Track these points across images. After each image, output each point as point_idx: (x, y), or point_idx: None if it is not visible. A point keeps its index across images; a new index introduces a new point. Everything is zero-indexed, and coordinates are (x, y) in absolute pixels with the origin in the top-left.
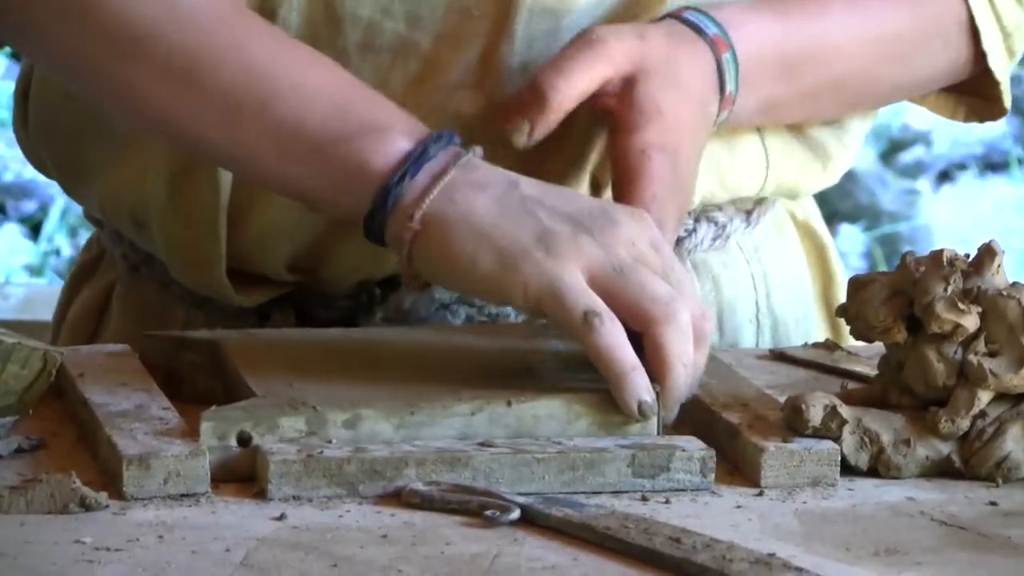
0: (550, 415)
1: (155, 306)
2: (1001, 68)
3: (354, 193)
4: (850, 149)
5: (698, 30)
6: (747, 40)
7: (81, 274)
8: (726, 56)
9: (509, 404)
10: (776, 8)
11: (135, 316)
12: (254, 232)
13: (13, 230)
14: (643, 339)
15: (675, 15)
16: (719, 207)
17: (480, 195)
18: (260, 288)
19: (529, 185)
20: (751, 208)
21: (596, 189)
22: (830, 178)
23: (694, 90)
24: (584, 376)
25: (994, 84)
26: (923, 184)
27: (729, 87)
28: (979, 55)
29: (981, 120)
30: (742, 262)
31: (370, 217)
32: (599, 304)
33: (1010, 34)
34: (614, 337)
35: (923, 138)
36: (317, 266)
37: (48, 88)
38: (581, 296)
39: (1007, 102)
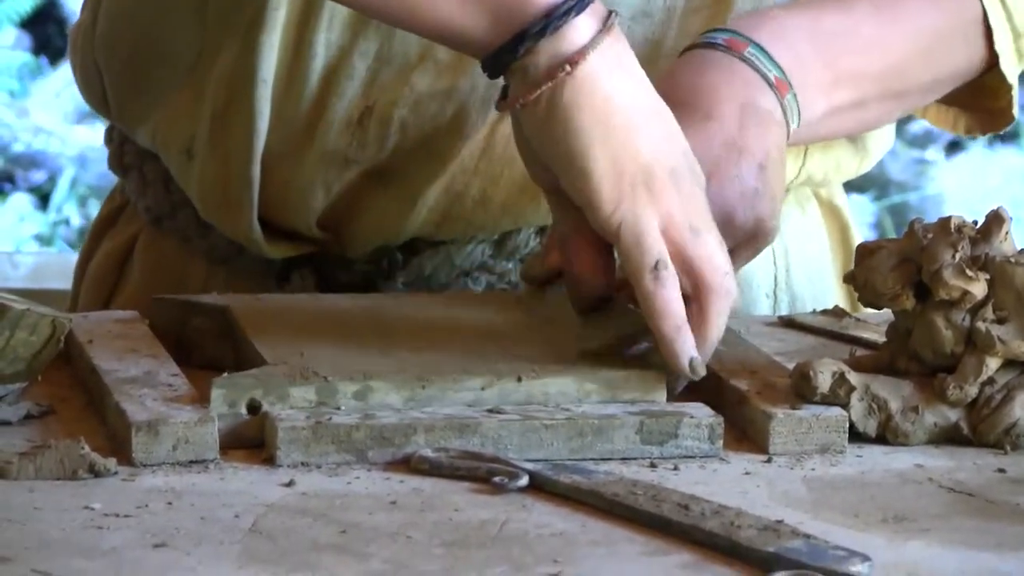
0: (561, 392)
1: (175, 261)
2: (1011, 69)
3: (505, 14)
4: (886, 141)
5: (762, 75)
6: (803, 74)
7: (103, 225)
8: (788, 98)
9: (519, 380)
10: (811, 11)
11: (155, 271)
12: (289, 185)
13: (22, 200)
14: (691, 303)
15: (739, 54)
16: None
17: (628, 80)
18: (287, 243)
19: (654, 91)
20: None
21: None
22: (863, 169)
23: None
24: (598, 346)
25: (1004, 87)
26: (932, 154)
27: (793, 126)
28: (990, 56)
29: (983, 132)
30: None
31: (513, 42)
32: (668, 257)
33: (1020, 35)
34: (675, 292)
35: None
36: (345, 222)
37: (115, 9)
38: (656, 243)
39: (1015, 109)
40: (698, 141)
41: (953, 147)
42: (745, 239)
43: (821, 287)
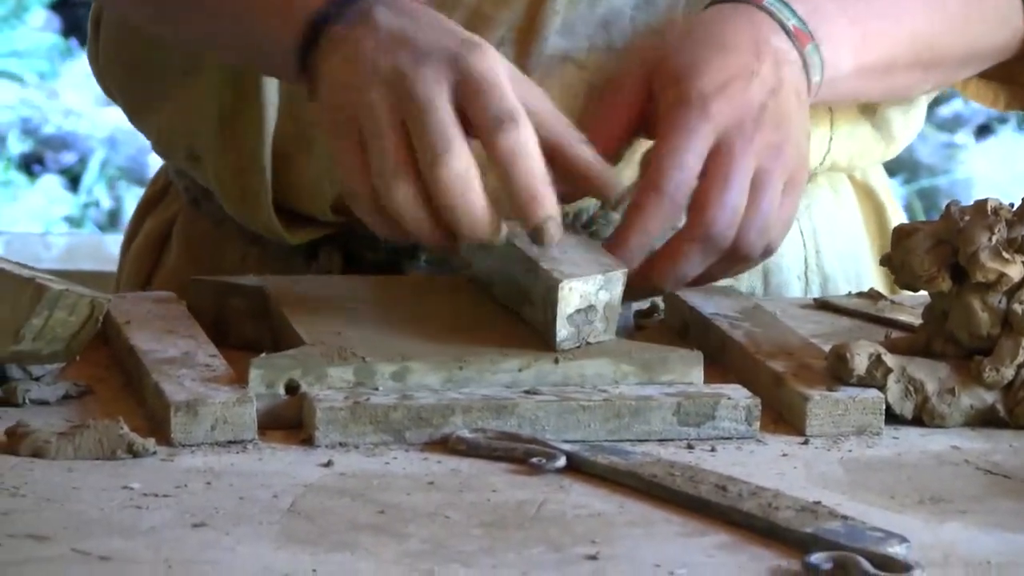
0: (597, 373)
1: (212, 241)
2: None
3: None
4: (913, 128)
5: (779, 22)
6: (828, 27)
7: (147, 205)
8: (808, 49)
9: (556, 362)
10: None
11: (193, 249)
12: (301, 173)
13: (53, 182)
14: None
15: (758, 4)
16: None
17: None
18: (307, 227)
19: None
20: None
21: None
22: (889, 156)
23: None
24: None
25: None
26: (962, 137)
27: (814, 79)
28: None
29: (1023, 108)
30: None
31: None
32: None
33: None
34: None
35: None
36: None
37: (115, 17)
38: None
39: None
40: (712, 66)
41: (983, 131)
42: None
43: (855, 269)
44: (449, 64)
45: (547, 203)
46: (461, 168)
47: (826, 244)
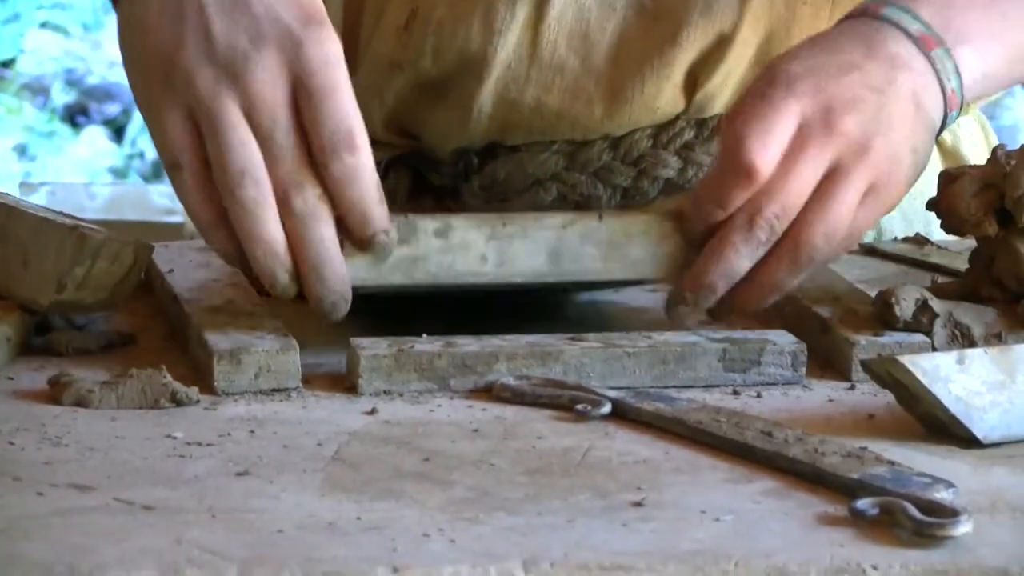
0: (642, 232)
1: None
2: None
3: None
4: None
5: (903, 29)
6: (960, 24)
7: None
8: (937, 53)
9: (600, 219)
10: None
11: None
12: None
13: (97, 132)
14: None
15: (874, 13)
16: None
17: None
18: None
19: None
20: None
21: (692, 88)
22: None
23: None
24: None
25: None
26: None
27: (950, 85)
28: None
29: None
30: None
31: None
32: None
33: None
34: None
35: None
36: (413, 129)
37: None
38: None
39: None
40: (809, 54)
41: None
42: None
43: (924, 228)
44: (288, 54)
45: (376, 221)
46: (312, 200)
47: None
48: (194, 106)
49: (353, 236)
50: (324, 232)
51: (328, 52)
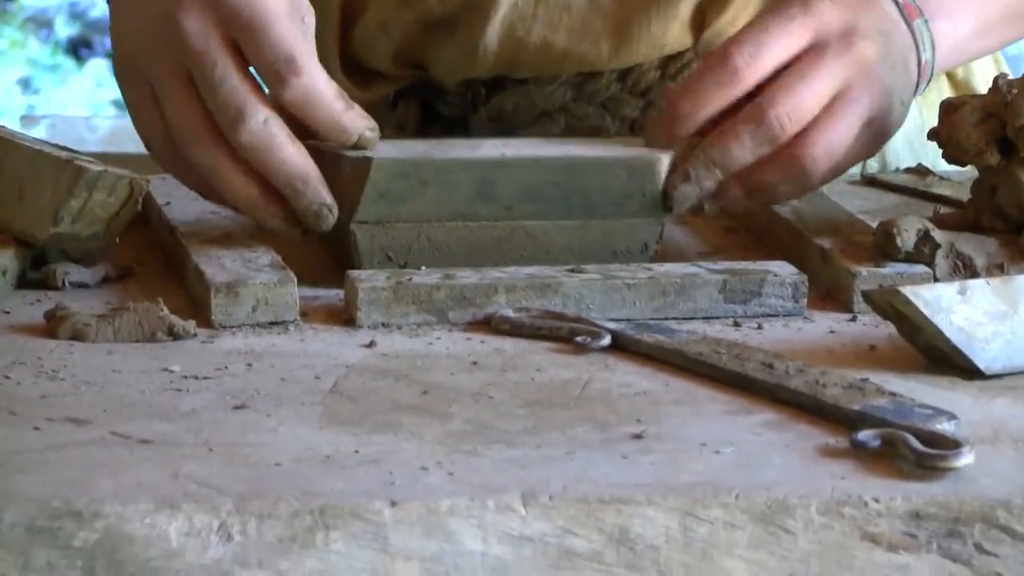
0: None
1: None
2: None
3: None
4: None
5: None
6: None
7: None
8: (918, 23)
9: None
10: None
11: None
12: (361, 29)
13: (100, 65)
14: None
15: None
16: None
17: None
18: (378, 82)
19: None
20: None
21: (700, 25)
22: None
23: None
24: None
25: None
26: None
27: (924, 55)
28: None
29: None
30: None
31: None
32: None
33: None
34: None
35: None
36: (421, 62)
37: None
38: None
39: None
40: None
41: None
42: None
43: (930, 160)
44: (209, 4)
45: (350, 127)
46: (257, 128)
47: (899, 137)
48: (152, 83)
49: (341, 147)
50: (281, 154)
51: None
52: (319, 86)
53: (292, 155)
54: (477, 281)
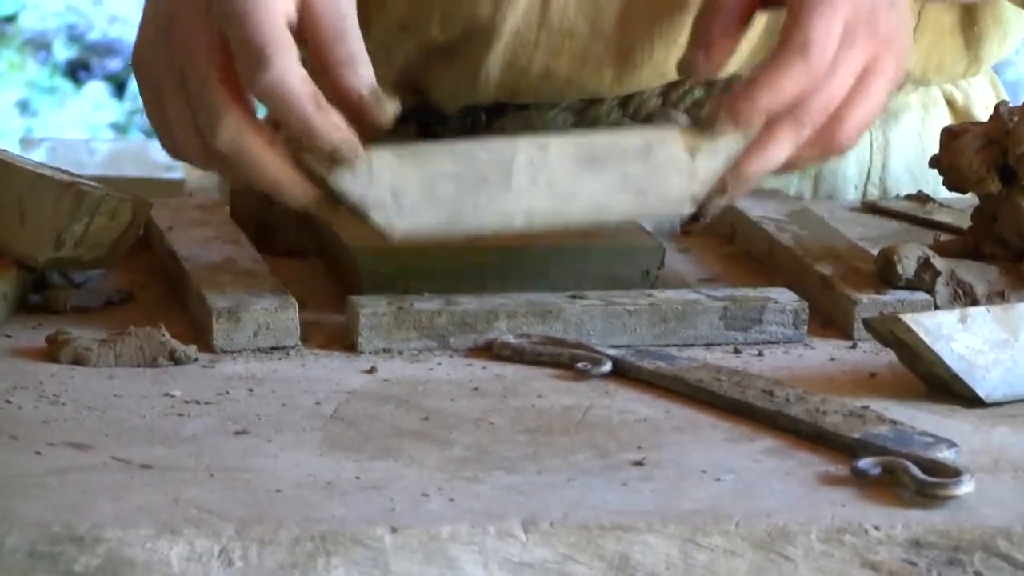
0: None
1: None
2: None
3: None
4: (1003, 54)
5: None
6: None
7: None
8: None
9: None
10: None
11: None
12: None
13: (98, 88)
14: None
15: None
16: None
17: None
18: None
19: None
20: None
21: None
22: (971, 74)
23: None
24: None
25: None
26: None
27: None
28: None
29: None
30: None
31: None
32: None
33: None
34: None
35: None
36: (422, 87)
37: None
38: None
39: None
40: None
41: None
42: None
43: (931, 188)
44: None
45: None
46: (229, 138)
47: (897, 160)
48: (154, 81)
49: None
50: (259, 163)
51: None
52: (288, 83)
53: (268, 163)
54: (478, 307)
